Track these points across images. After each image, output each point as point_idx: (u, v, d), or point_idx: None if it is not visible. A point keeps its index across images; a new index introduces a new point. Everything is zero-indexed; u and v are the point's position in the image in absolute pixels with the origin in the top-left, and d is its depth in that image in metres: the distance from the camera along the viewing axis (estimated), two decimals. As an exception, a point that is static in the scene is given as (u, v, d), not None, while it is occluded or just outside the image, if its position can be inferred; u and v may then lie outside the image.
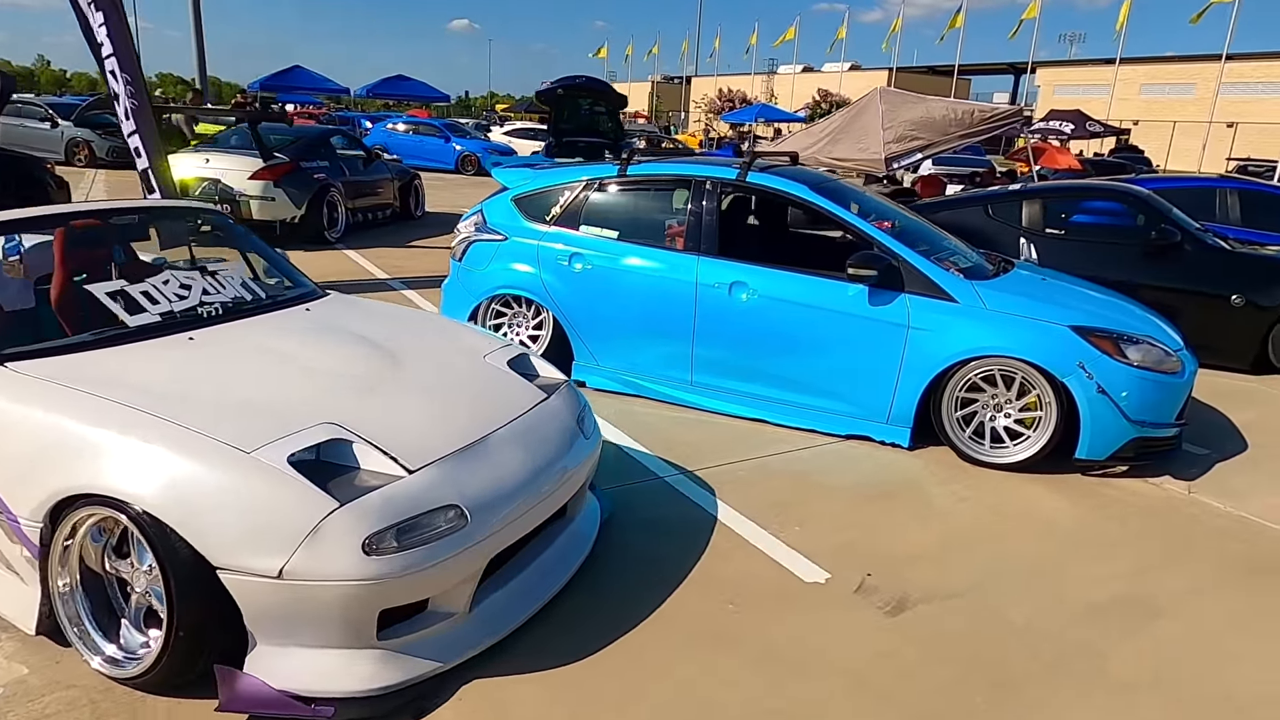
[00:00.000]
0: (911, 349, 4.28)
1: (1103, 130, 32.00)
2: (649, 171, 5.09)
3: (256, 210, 9.21)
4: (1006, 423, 4.26)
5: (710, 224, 4.77)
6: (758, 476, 4.04)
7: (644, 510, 3.62)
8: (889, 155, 10.11)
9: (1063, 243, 6.68)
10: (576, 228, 5.09)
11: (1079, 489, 4.08)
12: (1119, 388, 4.02)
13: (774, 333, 4.56)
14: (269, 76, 25.05)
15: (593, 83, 11.26)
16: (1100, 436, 4.08)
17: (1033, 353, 4.08)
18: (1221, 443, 4.80)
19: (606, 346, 5.05)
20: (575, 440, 3.04)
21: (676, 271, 4.76)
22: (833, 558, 3.29)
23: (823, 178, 5.10)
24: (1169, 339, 4.35)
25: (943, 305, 4.26)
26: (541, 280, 5.10)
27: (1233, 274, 6.19)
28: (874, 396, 4.43)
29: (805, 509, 3.72)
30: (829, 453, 4.39)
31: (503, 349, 3.37)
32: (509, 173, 5.55)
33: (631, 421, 4.65)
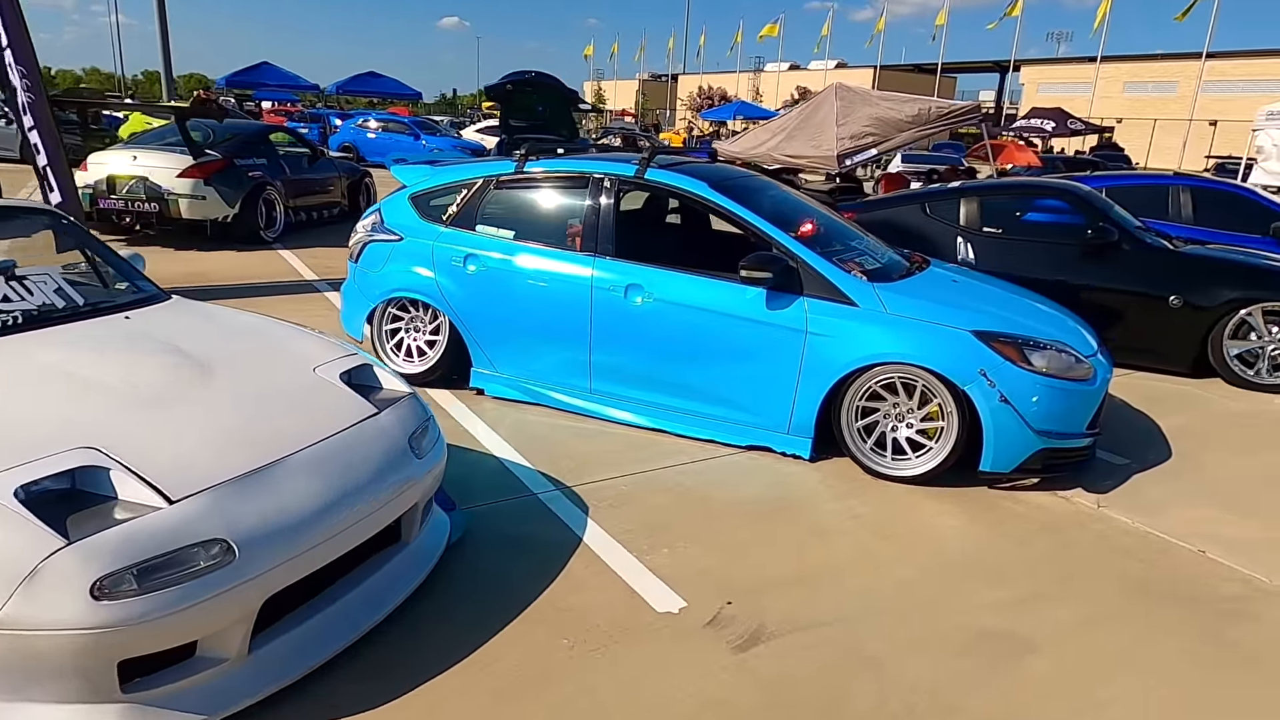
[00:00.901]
0: (810, 355, 4.04)
1: (1084, 128, 31.97)
2: (547, 168, 4.83)
3: (186, 209, 8.92)
4: (909, 433, 4.02)
5: (607, 223, 4.52)
6: (641, 492, 3.79)
7: (505, 531, 3.36)
8: (842, 152, 9.89)
9: (1001, 242, 6.46)
10: (473, 227, 4.83)
11: (982, 504, 3.85)
12: (1023, 396, 3.78)
13: (671, 338, 4.31)
14: (236, 73, 24.69)
15: (543, 78, 10.98)
16: (1004, 448, 3.84)
17: (932, 359, 3.84)
18: (1144, 451, 4.58)
19: (504, 352, 4.79)
20: (403, 461, 2.79)
21: (571, 273, 4.50)
22: (696, 584, 3.04)
23: (729, 174, 4.85)
24: (1081, 344, 4.12)
25: (842, 309, 4.02)
26: (437, 283, 4.83)
27: (1172, 274, 5.98)
28: (773, 406, 4.19)
29: (682, 529, 3.47)
30: (724, 465, 4.14)
31: (342, 359, 3.11)
32: (407, 170, 5.29)
33: (523, 432, 4.40)
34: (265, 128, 10.94)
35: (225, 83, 24.97)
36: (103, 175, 8.94)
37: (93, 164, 9.09)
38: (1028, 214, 6.63)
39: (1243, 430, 5.08)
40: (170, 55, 22.47)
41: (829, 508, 3.75)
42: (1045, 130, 31.56)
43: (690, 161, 4.90)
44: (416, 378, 5.01)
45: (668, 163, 4.66)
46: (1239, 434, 5.00)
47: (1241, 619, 3.01)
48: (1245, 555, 3.48)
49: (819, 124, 10.57)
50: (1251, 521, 3.82)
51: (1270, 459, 4.66)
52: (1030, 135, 32.92)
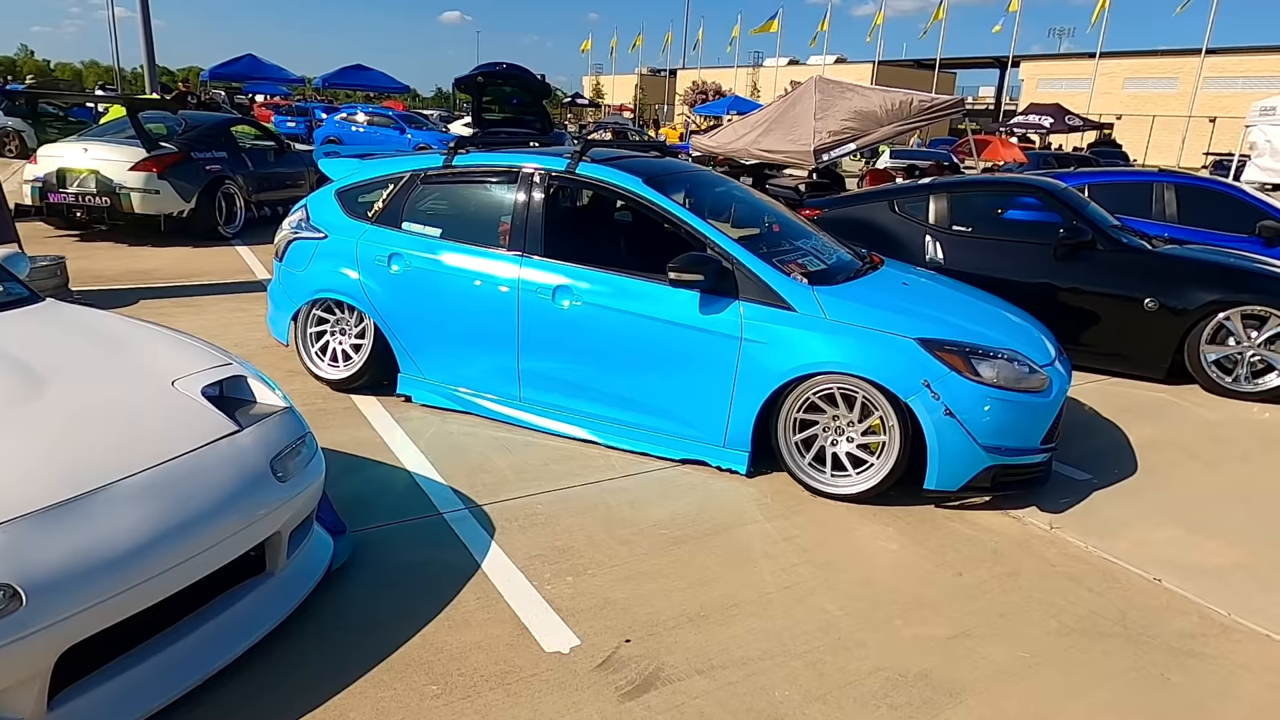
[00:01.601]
0: (745, 364, 3.76)
1: (1082, 124, 31.62)
2: (476, 162, 4.54)
3: (138, 204, 8.63)
4: (849, 448, 3.74)
5: (536, 221, 4.24)
6: (558, 511, 3.52)
7: (397, 557, 3.09)
8: (819, 147, 9.61)
9: (971, 241, 6.18)
10: (399, 225, 4.55)
11: (926, 526, 3.58)
12: (969, 409, 3.51)
13: (601, 344, 4.04)
14: (220, 65, 24.34)
15: (513, 69, 10.68)
16: (950, 465, 3.57)
17: (872, 369, 3.56)
18: (1108, 465, 4.30)
19: (432, 358, 4.52)
20: (261, 485, 2.52)
21: (498, 274, 4.22)
22: (595, 619, 2.77)
23: (668, 168, 4.57)
24: (1037, 352, 3.84)
25: (779, 314, 3.74)
26: (361, 284, 4.56)
27: (1147, 275, 5.69)
28: (708, 417, 3.91)
29: (594, 554, 3.20)
30: (654, 481, 3.87)
31: (210, 371, 2.83)
32: (335, 163, 5.01)
33: (444, 444, 4.13)
34: (227, 119, 10.62)
35: (210, 76, 24.65)
36: (53, 168, 8.67)
37: (43, 156, 8.82)
38: (999, 212, 6.34)
39: (1216, 442, 4.80)
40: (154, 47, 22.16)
41: (759, 529, 3.47)
42: (1043, 127, 31.21)
43: (629, 156, 4.61)
44: (341, 383, 4.75)
45: (603, 156, 4.37)
46: (1212, 446, 4.72)
47: (1190, 659, 2.74)
48: (1204, 584, 3.21)
49: (796, 118, 10.29)
50: (1216, 544, 3.54)
51: (1242, 473, 4.38)
52: (1028, 131, 32.62)
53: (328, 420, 4.36)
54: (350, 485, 3.63)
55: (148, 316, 6.18)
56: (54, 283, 6.24)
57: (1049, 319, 5.82)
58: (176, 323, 6.05)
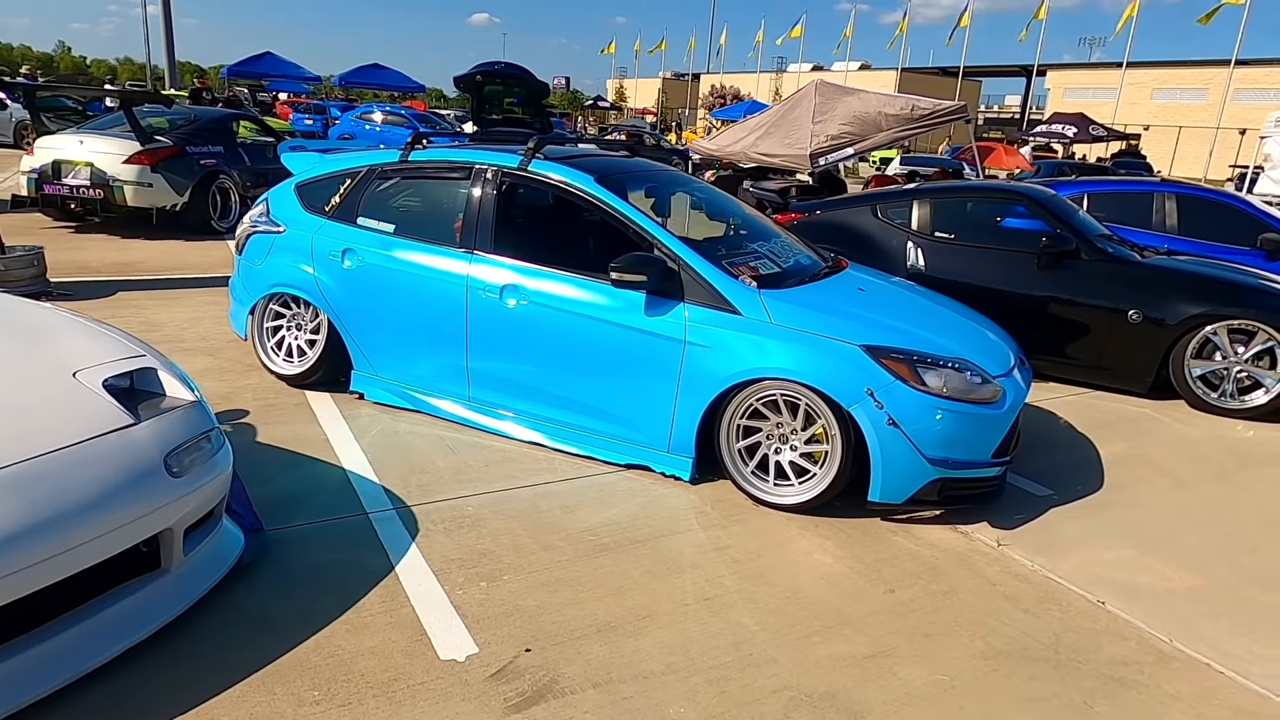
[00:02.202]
0: (689, 368, 3.66)
1: (1107, 134, 31.14)
2: (432, 158, 4.49)
3: (131, 197, 8.68)
4: (792, 456, 3.63)
5: (487, 218, 4.17)
6: (487, 514, 3.44)
7: (311, 558, 3.02)
8: (815, 151, 9.49)
9: (953, 249, 6.03)
10: (354, 220, 4.50)
11: (869, 539, 3.46)
12: (914, 419, 3.39)
13: (547, 344, 3.96)
14: (239, 63, 24.60)
15: (511, 69, 10.64)
16: (894, 476, 3.45)
17: (814, 375, 3.45)
18: (1072, 481, 4.15)
19: (384, 355, 4.46)
20: (150, 480, 2.45)
21: (446, 272, 4.16)
22: (500, 627, 2.69)
23: (623, 166, 4.48)
24: (991, 361, 3.71)
25: (724, 317, 3.64)
26: (315, 279, 4.51)
27: (1132, 287, 5.52)
28: (652, 422, 3.82)
29: (514, 559, 3.11)
30: (593, 485, 3.78)
31: (118, 362, 2.78)
32: (296, 157, 4.97)
33: (387, 443, 4.07)
34: (226, 115, 10.68)
35: (229, 73, 24.91)
36: (49, 160, 8.74)
37: (40, 148, 8.89)
38: (984, 219, 6.19)
39: (1193, 460, 4.63)
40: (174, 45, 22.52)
41: (692, 538, 3.37)
42: (1066, 136, 30.72)
43: (586, 155, 4.53)
44: (295, 379, 4.71)
45: (558, 154, 4.30)
46: (1187, 464, 4.55)
47: (1120, 687, 2.61)
48: (1150, 608, 3.07)
49: (795, 121, 10.17)
50: (1170, 567, 3.40)
51: (1214, 493, 4.22)
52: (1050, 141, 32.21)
53: (276, 416, 4.31)
54: (283, 482, 3.58)
55: (121, 308, 6.21)
56: (31, 273, 6.27)
57: (1031, 329, 5.70)
58: (149, 315, 6.07)
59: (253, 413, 4.34)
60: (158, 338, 5.52)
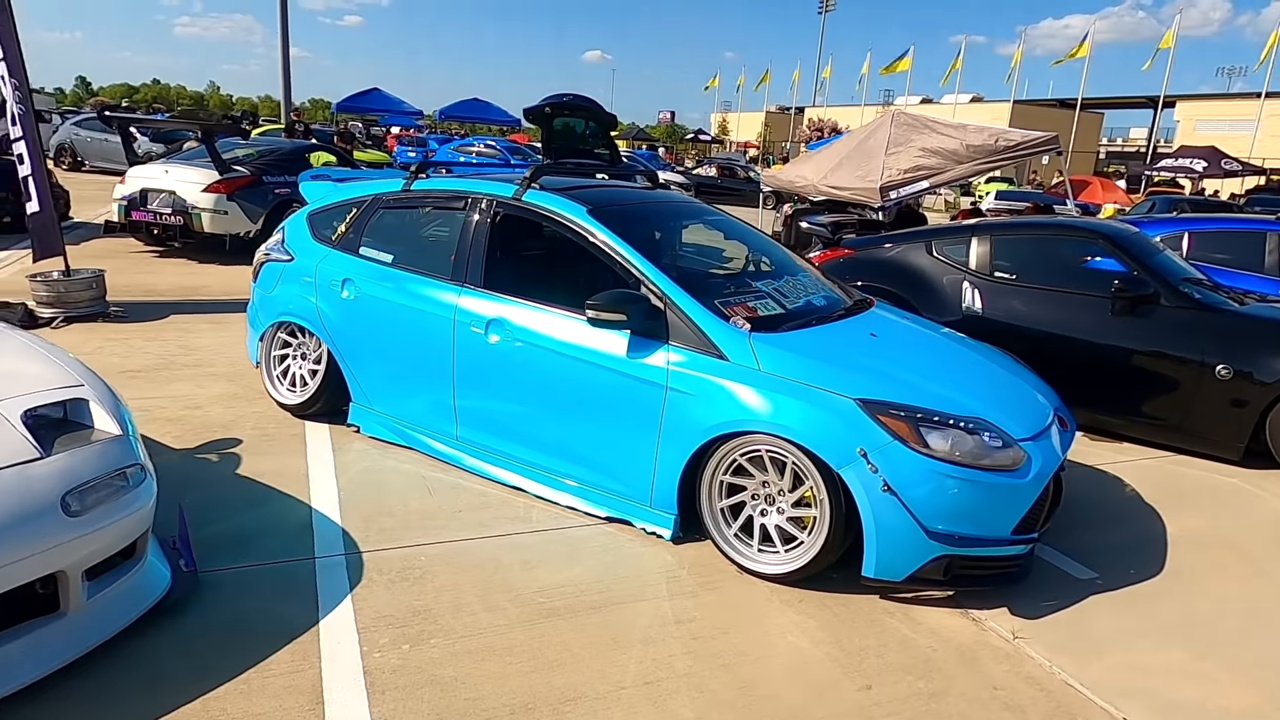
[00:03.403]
0: (670, 416, 3.35)
1: (1241, 169, 28.95)
2: (433, 188, 4.36)
3: (208, 224, 9.04)
4: (779, 520, 3.25)
5: (478, 250, 3.99)
6: (439, 566, 3.20)
7: (238, 604, 2.86)
8: (886, 184, 8.99)
9: (1014, 290, 5.48)
10: (357, 250, 4.42)
11: (859, 620, 3.03)
12: (913, 486, 2.96)
13: (529, 384, 3.73)
14: (347, 98, 25.89)
15: (580, 100, 10.60)
16: (890, 550, 3.02)
17: (801, 431, 3.07)
18: (1124, 563, 3.59)
19: (379, 388, 4.33)
20: (41, 519, 2.33)
21: (437, 305, 3.99)
22: (404, 699, 2.43)
23: (622, 197, 4.23)
24: (1016, 423, 3.23)
25: (708, 362, 3.31)
26: (318, 308, 4.44)
27: (1222, 338, 4.84)
28: (634, 473, 3.51)
29: (451, 620, 2.86)
30: (567, 539, 3.49)
31: (50, 392, 2.71)
32: (314, 186, 4.96)
33: (368, 480, 3.91)
34: (304, 146, 11.07)
35: (337, 108, 26.23)
36: (136, 188, 9.22)
37: (130, 177, 9.39)
38: (1050, 258, 5.61)
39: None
40: (290, 81, 23.87)
41: (653, 607, 3.03)
42: (1194, 170, 28.70)
43: (588, 185, 4.31)
44: (296, 409, 4.64)
45: (556, 184, 4.09)
46: (1274, 548, 3.88)
47: (1126, 840, 2.12)
48: (1189, 732, 2.53)
49: (868, 153, 9.70)
50: (1227, 677, 2.83)
51: (1305, 587, 3.56)
52: (1177, 175, 30.19)
53: (267, 447, 4.23)
54: (243, 519, 3.45)
55: (167, 330, 6.38)
56: (89, 295, 6.53)
57: (1103, 383, 5.12)
58: (191, 339, 6.19)
59: (246, 442, 4.28)
60: (188, 361, 5.61)
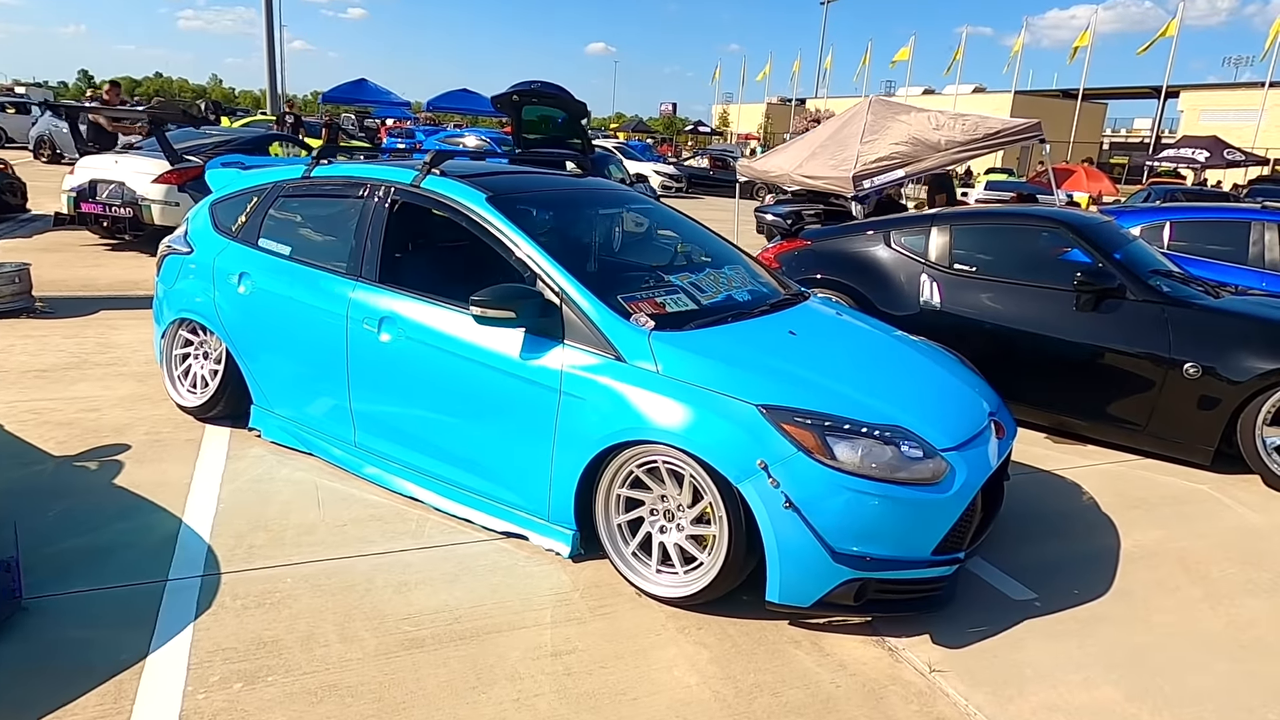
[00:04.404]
0: (564, 422, 3.05)
1: (1244, 159, 28.56)
2: (333, 174, 4.05)
3: (158, 216, 8.74)
4: (679, 538, 2.95)
5: (375, 240, 3.68)
6: (305, 589, 2.91)
7: (59, 634, 2.57)
8: (859, 173, 8.66)
9: (973, 283, 5.16)
10: (255, 241, 4.12)
11: (761, 651, 2.73)
12: (817, 502, 2.65)
13: (422, 385, 3.43)
14: (334, 89, 25.57)
15: (548, 88, 10.27)
16: (795, 574, 2.71)
17: (696, 440, 2.77)
18: (1068, 582, 3.28)
19: (278, 390, 4.04)
20: None
21: (330, 300, 3.69)
22: (216, 750, 2.14)
23: (534, 184, 3.93)
24: (941, 431, 2.91)
25: (605, 365, 3.00)
26: (215, 304, 4.14)
27: (1190, 334, 4.52)
28: (531, 484, 3.21)
29: (299, 653, 2.56)
30: (455, 557, 3.19)
31: None
32: (218, 173, 4.65)
33: (254, 491, 3.62)
34: (263, 136, 10.75)
35: (324, 99, 25.90)
36: (86, 179, 8.92)
37: (80, 167, 9.10)
38: (1010, 249, 5.28)
39: (1243, 561, 3.63)
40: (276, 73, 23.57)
41: (532, 637, 2.73)
42: (1197, 161, 28.31)
43: (497, 171, 4.00)
44: (196, 411, 4.35)
45: (460, 170, 3.77)
46: (1234, 567, 3.56)
47: None
48: (1113, 787, 2.23)
49: (843, 141, 9.36)
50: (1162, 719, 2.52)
51: (1259, 612, 3.21)
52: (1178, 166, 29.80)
53: (155, 454, 3.94)
54: (102, 535, 3.16)
55: (91, 327, 6.09)
56: (12, 290, 6.24)
57: (1066, 382, 4.81)
58: (113, 335, 5.90)
59: (135, 448, 3.99)
60: (102, 359, 5.32)
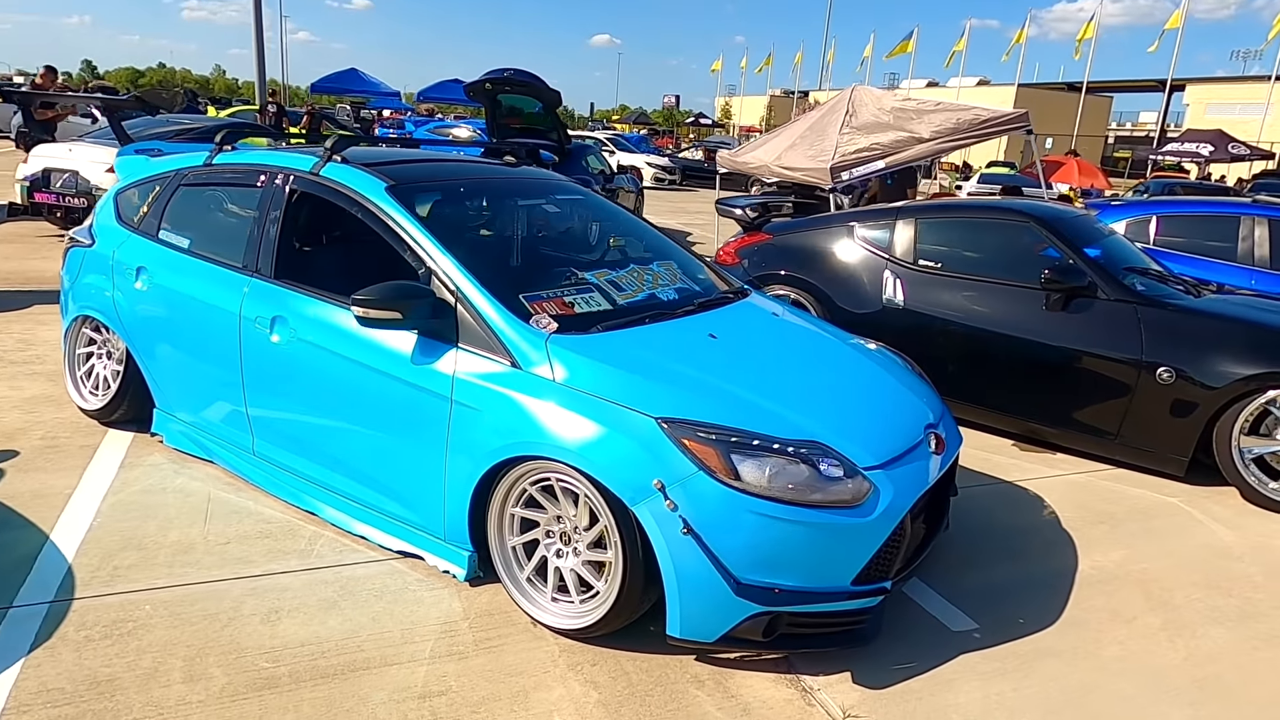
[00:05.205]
0: (456, 433, 2.77)
1: (1248, 153, 28.22)
2: (236, 161, 3.76)
3: (113, 206, 8.45)
4: (575, 563, 2.67)
5: (271, 233, 3.40)
6: (163, 618, 2.63)
7: None
8: (837, 164, 8.37)
9: (939, 280, 4.87)
10: (156, 234, 3.84)
11: (656, 694, 2.45)
12: (719, 527, 2.37)
13: (313, 390, 3.15)
14: (323, 79, 25.26)
15: (520, 75, 9.98)
16: (696, 606, 2.43)
17: (589, 457, 2.48)
18: (1015, 609, 2.99)
19: (178, 394, 3.77)
20: None
21: (224, 298, 3.41)
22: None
23: (442, 173, 3.63)
24: (865, 448, 2.62)
25: (500, 373, 2.72)
26: (114, 300, 3.87)
27: (1165, 336, 4.22)
28: (426, 499, 2.93)
29: (132, 695, 2.29)
30: (340, 580, 2.92)
31: None
32: (127, 160, 4.37)
33: (138, 503, 3.35)
34: (219, 125, 10.46)
35: (312, 89, 25.60)
36: (39, 168, 8.64)
37: (34, 156, 8.80)
38: (977, 245, 4.98)
39: (1210, 585, 3.33)
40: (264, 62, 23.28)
41: (403, 675, 2.46)
42: (1201, 155, 27.96)
43: (406, 159, 3.70)
44: (97, 415, 4.08)
45: (367, 158, 3.47)
46: (1200, 592, 3.26)
47: None
48: None
49: (823, 130, 9.07)
50: (1105, 777, 2.23)
51: (1222, 645, 2.92)
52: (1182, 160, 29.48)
53: (44, 462, 3.67)
54: (-44, 554, 2.90)
55: (17, 323, 5.82)
56: (-63, 283, 5.96)
57: (1033, 386, 4.54)
58: (38, 332, 5.63)
59: (23, 455, 3.72)
60: (19, 358, 5.06)
